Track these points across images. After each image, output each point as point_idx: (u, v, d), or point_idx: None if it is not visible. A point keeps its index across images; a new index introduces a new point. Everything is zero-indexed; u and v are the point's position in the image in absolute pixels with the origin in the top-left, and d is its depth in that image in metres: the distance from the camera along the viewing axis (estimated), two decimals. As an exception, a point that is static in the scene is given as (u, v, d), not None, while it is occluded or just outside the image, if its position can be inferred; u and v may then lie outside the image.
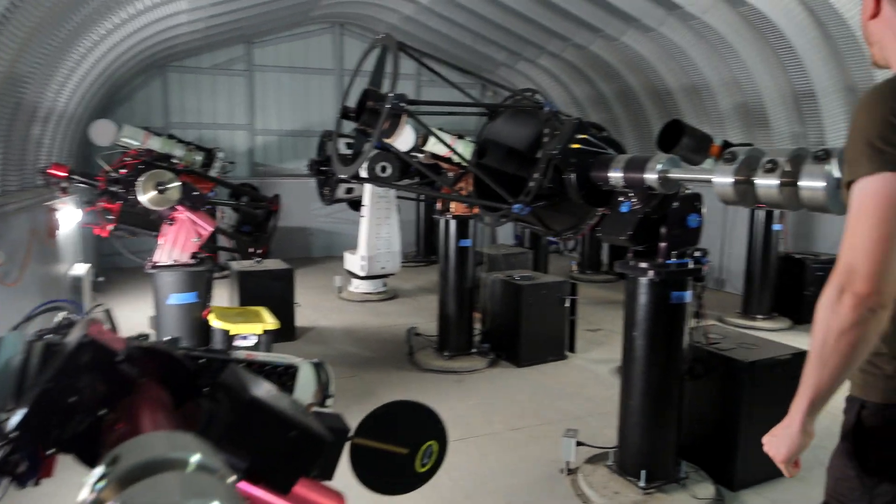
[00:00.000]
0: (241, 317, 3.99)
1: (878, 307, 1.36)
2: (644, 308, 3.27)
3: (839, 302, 1.38)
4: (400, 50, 3.29)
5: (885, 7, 1.52)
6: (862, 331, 1.37)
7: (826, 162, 2.21)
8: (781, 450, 1.59)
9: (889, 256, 1.34)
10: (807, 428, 1.55)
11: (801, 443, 1.56)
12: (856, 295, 1.36)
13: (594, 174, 3.25)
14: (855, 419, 1.61)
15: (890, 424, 1.55)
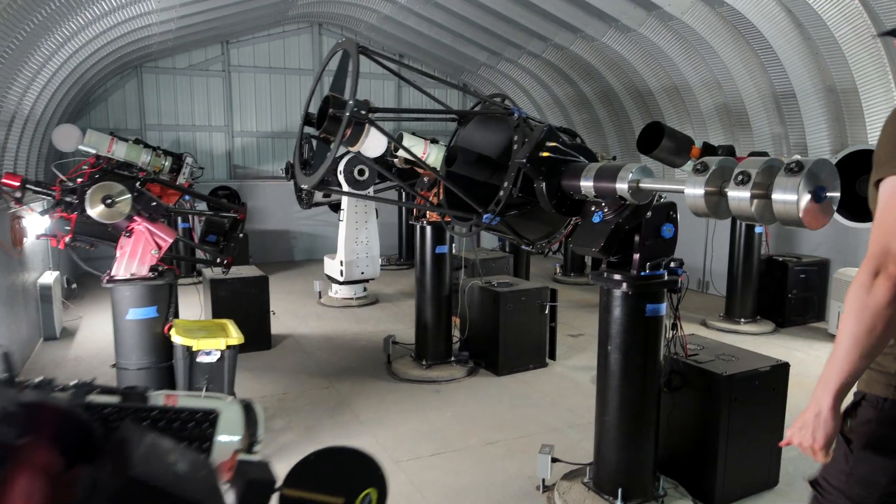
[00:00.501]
0: (204, 331, 3.85)
1: None
2: (618, 321, 3.16)
3: (875, 283, 1.48)
4: (362, 54, 3.16)
5: None
6: None
7: (798, 174, 2.11)
8: (818, 437, 1.62)
9: None
10: (836, 411, 1.60)
11: (835, 426, 1.61)
12: (891, 276, 1.47)
13: (565, 183, 3.14)
14: (852, 407, 1.74)
15: (883, 414, 1.67)
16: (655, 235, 3.11)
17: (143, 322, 3.58)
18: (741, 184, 2.27)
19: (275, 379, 5.47)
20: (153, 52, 10.23)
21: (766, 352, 6.44)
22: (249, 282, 6.20)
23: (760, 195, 2.24)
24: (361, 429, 4.47)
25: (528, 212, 3.39)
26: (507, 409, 4.82)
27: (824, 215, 2.17)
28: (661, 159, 6.90)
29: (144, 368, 3.63)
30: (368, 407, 4.86)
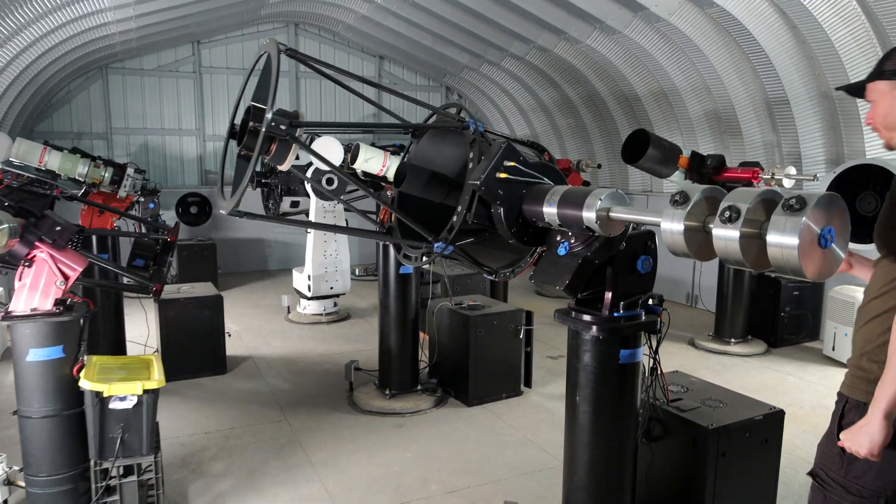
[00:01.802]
0: (124, 370, 3.40)
1: None
2: (588, 369, 2.72)
3: None
4: (291, 56, 2.71)
5: None
6: None
7: (800, 213, 1.68)
8: (864, 446, 1.88)
9: None
10: (886, 426, 1.84)
11: (882, 439, 1.85)
12: None
13: (527, 208, 2.69)
14: (840, 411, 2.06)
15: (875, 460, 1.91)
16: (630, 270, 2.67)
17: (46, 364, 3.12)
18: (728, 221, 1.83)
19: (223, 410, 5.01)
20: (118, 53, 9.75)
21: (758, 376, 6.10)
22: (202, 302, 5.73)
23: (752, 236, 1.81)
24: (310, 473, 4.01)
25: (488, 239, 2.95)
26: (474, 449, 4.38)
27: (831, 264, 1.74)
28: (647, 169, 6.49)
29: (50, 416, 3.17)
30: (322, 445, 4.40)
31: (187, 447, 4.35)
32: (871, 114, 2.06)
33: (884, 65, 1.99)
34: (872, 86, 2.02)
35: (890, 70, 1.96)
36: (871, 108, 2.07)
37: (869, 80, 2.04)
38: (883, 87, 1.98)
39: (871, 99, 2.04)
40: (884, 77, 1.98)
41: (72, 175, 4.93)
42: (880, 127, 2.02)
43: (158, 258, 3.81)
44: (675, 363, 6.31)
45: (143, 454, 3.28)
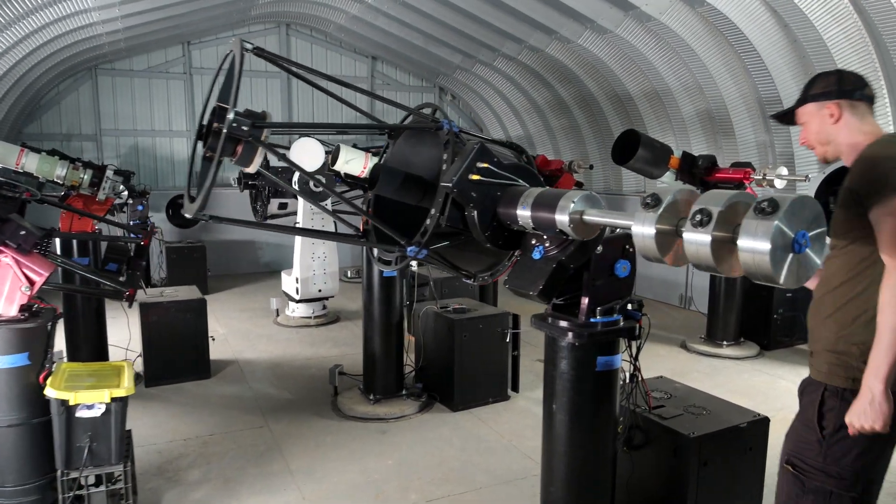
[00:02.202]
0: (94, 377, 3.31)
1: None
2: (564, 376, 2.64)
3: None
4: (258, 55, 2.63)
5: (846, 115, 2.22)
6: None
7: (772, 216, 1.59)
8: (878, 421, 1.98)
9: None
10: (889, 396, 1.97)
11: (889, 408, 1.98)
12: None
13: (501, 211, 2.61)
14: (820, 399, 2.17)
15: (844, 403, 2.09)
16: (608, 274, 2.59)
17: (11, 371, 3.03)
18: (700, 225, 1.75)
19: (204, 416, 4.92)
20: (107, 54, 9.67)
21: (750, 379, 6.01)
22: (185, 305, 5.64)
23: (724, 240, 1.73)
24: (288, 482, 3.93)
25: (464, 242, 2.87)
26: (457, 455, 4.29)
27: (805, 270, 1.66)
28: (637, 170, 6.41)
29: (15, 425, 3.09)
30: (302, 452, 4.32)
31: (164, 454, 4.27)
32: (804, 134, 2.37)
33: (809, 90, 2.31)
34: (802, 110, 2.33)
35: (815, 94, 2.28)
36: (802, 129, 2.37)
37: (797, 106, 2.35)
38: (811, 109, 2.29)
39: (802, 122, 2.35)
40: (810, 101, 2.29)
41: (50, 177, 4.85)
42: (815, 143, 2.32)
43: (132, 262, 3.72)
44: (666, 366, 6.23)
45: (112, 463, 3.20)
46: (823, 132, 2.26)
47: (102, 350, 5.55)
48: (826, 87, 2.26)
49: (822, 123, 2.25)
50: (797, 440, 2.26)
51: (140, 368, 5.68)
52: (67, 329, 5.42)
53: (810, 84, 2.32)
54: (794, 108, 2.35)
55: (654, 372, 5.97)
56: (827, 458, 2.14)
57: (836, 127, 2.23)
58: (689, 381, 5.81)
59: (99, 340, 5.52)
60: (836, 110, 2.22)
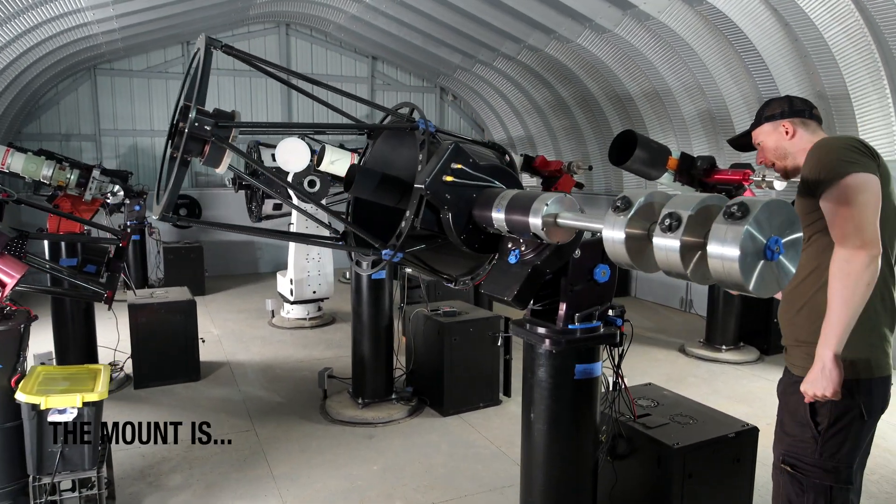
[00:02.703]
0: (68, 381, 3.26)
1: (878, 254, 2.05)
2: (542, 384, 2.55)
3: (856, 255, 2.03)
4: (227, 53, 2.56)
5: (800, 130, 2.41)
6: (873, 271, 2.04)
7: (742, 221, 1.51)
8: (829, 387, 2.09)
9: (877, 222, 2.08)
10: (839, 363, 2.08)
11: (839, 374, 2.08)
12: (867, 248, 2.03)
13: (477, 213, 2.53)
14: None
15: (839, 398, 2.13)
16: (586, 279, 2.51)
17: (-19, 375, 2.99)
18: (669, 229, 1.66)
19: (190, 419, 4.85)
20: (105, 54, 9.65)
21: (748, 385, 5.89)
22: (174, 307, 5.59)
23: (694, 246, 1.64)
24: (270, 487, 3.86)
25: (441, 245, 2.79)
26: (444, 462, 4.21)
27: (779, 278, 1.57)
28: (635, 171, 6.29)
29: (-14, 429, 3.04)
30: (287, 458, 4.25)
31: (147, 458, 4.21)
32: (761, 154, 2.53)
33: (763, 112, 2.50)
34: (758, 131, 2.51)
35: (769, 115, 2.46)
36: (759, 150, 2.54)
37: (753, 128, 2.54)
38: (767, 129, 2.47)
39: (759, 142, 2.52)
40: (765, 122, 2.47)
41: (36, 177, 4.81)
42: (773, 159, 2.48)
43: (112, 263, 3.67)
44: (663, 371, 6.14)
45: (85, 468, 3.14)
46: (780, 148, 2.43)
47: (92, 352, 5.51)
48: (779, 108, 2.45)
49: (779, 140, 2.43)
50: (791, 440, 2.28)
51: (129, 370, 5.64)
52: (56, 331, 5.38)
53: (763, 108, 2.51)
54: (749, 132, 2.55)
55: (651, 376, 5.88)
56: (823, 453, 2.19)
57: (791, 142, 2.40)
58: (686, 387, 5.75)
59: (88, 342, 5.48)
60: (790, 127, 2.40)
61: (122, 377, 5.63)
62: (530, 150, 11.12)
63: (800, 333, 2.30)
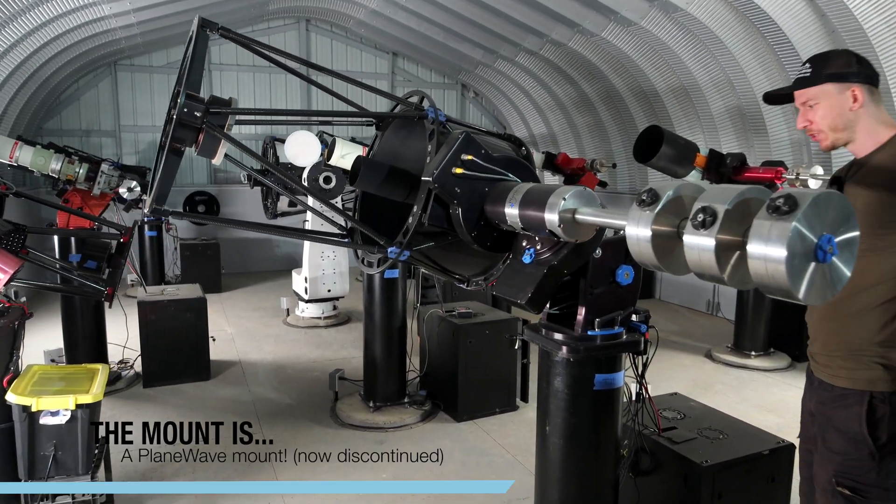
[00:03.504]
0: (63, 382, 3.13)
1: None
2: (559, 395, 2.35)
3: None
4: (223, 36, 2.40)
5: (867, 101, 2.01)
6: None
7: (789, 216, 1.29)
8: None
9: None
10: None
11: None
12: None
13: (489, 209, 2.34)
14: (868, 407, 1.96)
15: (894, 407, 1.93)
16: (608, 281, 2.30)
17: (-28, 374, 2.87)
18: (702, 226, 1.45)
19: (197, 420, 4.73)
20: (125, 49, 9.63)
21: (779, 393, 5.60)
22: (185, 304, 5.48)
23: (732, 245, 1.43)
24: (274, 495, 3.70)
25: (451, 243, 2.60)
26: (456, 471, 4.02)
27: (832, 283, 1.36)
28: (661, 168, 6.05)
29: (-23, 430, 2.93)
30: (293, 463, 4.09)
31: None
32: (811, 116, 2.09)
33: (824, 67, 2.03)
34: (815, 90, 2.05)
35: (835, 73, 2.00)
36: (809, 111, 2.10)
37: (810, 83, 2.06)
38: (830, 90, 2.02)
39: (812, 102, 2.07)
40: (828, 80, 2.01)
41: (45, 171, 4.72)
42: (824, 128, 2.06)
43: (113, 260, 3.54)
44: (689, 377, 5.88)
45: (78, 473, 3.01)
46: (842, 117, 2.01)
47: (101, 348, 5.43)
48: (847, 65, 2.00)
49: (842, 107, 2.00)
50: (842, 459, 2.04)
51: (140, 368, 5.55)
52: (66, 327, 5.31)
53: (820, 62, 2.05)
54: (805, 86, 2.06)
55: (676, 383, 5.63)
56: (882, 470, 1.96)
57: (857, 113, 2.00)
58: (713, 395, 5.49)
59: (98, 339, 5.40)
60: (860, 93, 1.98)
61: (132, 375, 5.54)
62: (553, 148, 10.87)
63: (854, 342, 2.02)
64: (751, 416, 4.78)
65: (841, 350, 2.06)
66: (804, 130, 2.17)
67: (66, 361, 5.28)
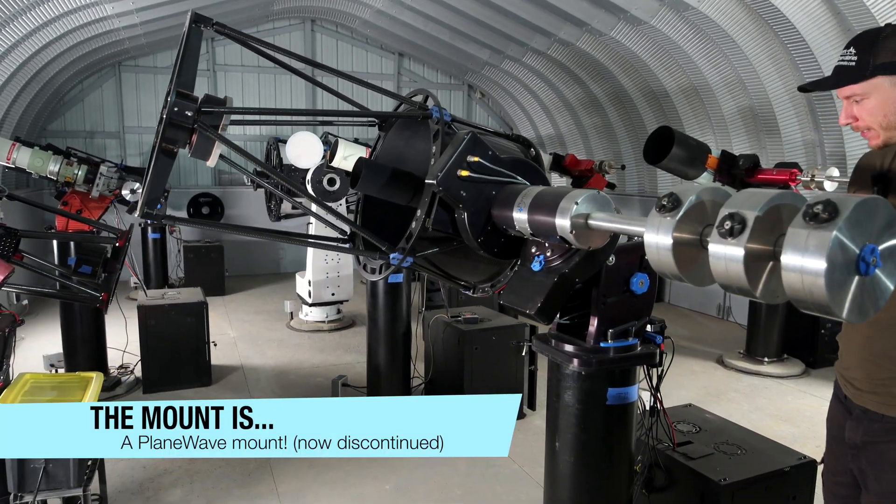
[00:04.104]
0: (56, 391, 3.04)
1: None
2: (569, 410, 2.23)
3: None
4: (218, 31, 2.30)
5: None
6: None
7: (830, 224, 1.17)
8: None
9: None
10: None
11: None
12: None
13: (496, 213, 2.22)
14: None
15: None
16: (622, 290, 2.18)
17: (-40, 383, 2.78)
18: (730, 234, 1.32)
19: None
20: (129, 50, 9.56)
21: (794, 401, 5.45)
22: (185, 308, 5.38)
23: (763, 255, 1.31)
24: None
25: (457, 248, 2.48)
26: (461, 482, 3.90)
27: (875, 298, 1.23)
28: (672, 170, 5.93)
29: (-35, 442, 2.83)
30: (293, 473, 3.99)
31: (148, 470, 3.99)
32: (857, 111, 1.80)
33: (876, 56, 1.72)
34: (865, 85, 1.76)
35: (885, 63, 1.71)
36: (855, 105, 1.81)
37: (860, 77, 1.75)
38: (882, 84, 1.73)
39: (858, 97, 1.79)
40: (879, 72, 1.72)
41: (43, 173, 4.64)
42: (874, 125, 1.78)
43: (108, 264, 3.44)
44: (701, 384, 5.74)
45: (70, 486, 2.91)
46: None
47: (101, 354, 5.35)
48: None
49: None
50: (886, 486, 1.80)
51: (140, 373, 5.46)
52: (65, 332, 5.23)
53: (869, 46, 1.74)
54: (851, 81, 1.77)
55: (688, 391, 5.50)
56: None
57: None
58: (726, 403, 5.34)
59: (97, 343, 5.32)
60: None
61: (132, 381, 5.45)
62: (560, 149, 10.72)
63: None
64: (765, 426, 4.64)
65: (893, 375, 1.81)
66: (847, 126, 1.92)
67: (65, 366, 5.20)
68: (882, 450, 1.81)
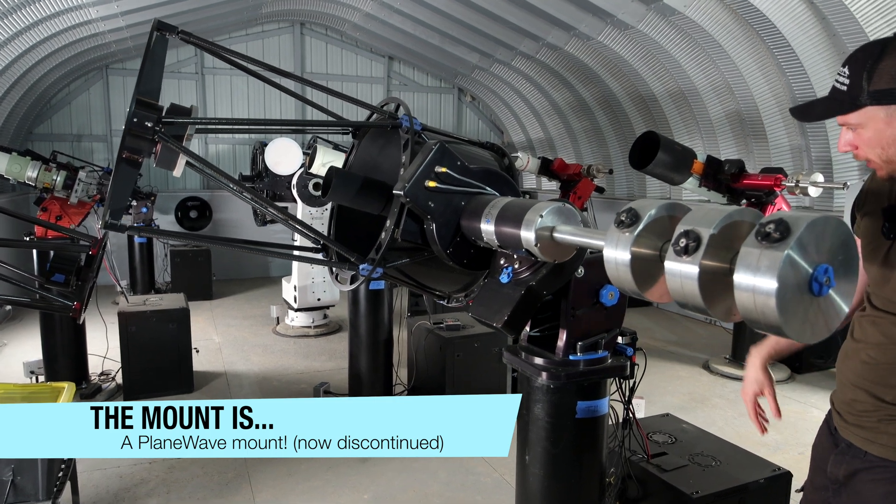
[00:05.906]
0: (26, 401, 2.99)
1: None
2: (539, 423, 2.20)
3: None
4: (184, 39, 2.26)
5: None
6: None
7: (782, 244, 1.15)
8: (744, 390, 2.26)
9: None
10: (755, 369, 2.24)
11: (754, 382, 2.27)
12: None
13: (465, 224, 2.20)
14: None
15: None
16: (591, 302, 2.15)
17: (-74, 394, 2.73)
18: (685, 251, 1.30)
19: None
20: (116, 53, 9.51)
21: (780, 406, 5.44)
22: (167, 315, 5.32)
23: (717, 272, 1.28)
24: (250, 517, 3.56)
25: (428, 259, 2.46)
26: (440, 491, 3.87)
27: (828, 319, 1.21)
28: (658, 175, 5.91)
29: (-69, 454, 2.78)
30: (271, 482, 3.95)
31: (125, 479, 3.94)
32: (854, 140, 1.59)
33: (870, 82, 1.49)
34: (859, 114, 1.54)
35: (880, 90, 1.48)
36: (851, 133, 1.59)
37: (851, 107, 1.54)
38: (875, 114, 1.51)
39: (856, 125, 1.56)
40: (872, 101, 1.49)
41: (21, 179, 4.59)
42: (875, 159, 1.58)
43: (82, 272, 3.39)
44: (686, 390, 5.73)
45: (38, 499, 2.86)
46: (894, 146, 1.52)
47: (81, 360, 5.30)
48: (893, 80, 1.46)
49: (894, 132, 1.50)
50: None
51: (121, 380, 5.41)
52: (44, 339, 5.17)
53: (865, 67, 1.49)
54: (841, 112, 1.56)
55: (672, 396, 5.48)
56: None
57: None
58: (710, 409, 5.33)
59: (78, 350, 5.27)
60: None
61: (114, 387, 5.39)
62: (550, 153, 10.73)
63: None
64: (749, 433, 4.62)
65: (884, 410, 1.69)
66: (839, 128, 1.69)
67: (45, 373, 5.15)
68: (859, 488, 1.73)
